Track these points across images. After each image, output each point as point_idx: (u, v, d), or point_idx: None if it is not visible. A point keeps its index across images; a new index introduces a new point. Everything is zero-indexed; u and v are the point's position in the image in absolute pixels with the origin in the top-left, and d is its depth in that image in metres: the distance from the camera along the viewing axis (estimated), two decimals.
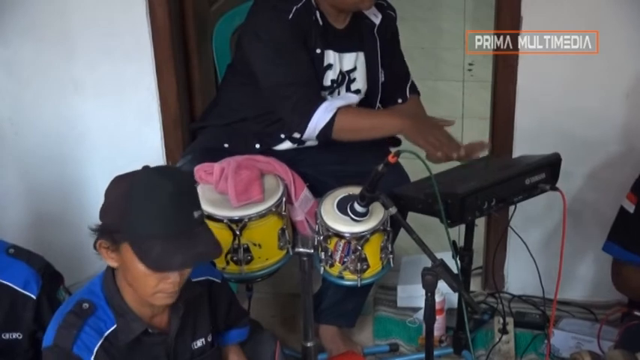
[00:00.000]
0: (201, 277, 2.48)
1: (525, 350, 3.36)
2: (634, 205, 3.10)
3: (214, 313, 2.53)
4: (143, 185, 2.20)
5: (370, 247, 2.83)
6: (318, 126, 2.95)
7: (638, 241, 3.12)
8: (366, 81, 3.16)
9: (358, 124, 3.02)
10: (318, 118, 2.94)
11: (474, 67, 5.26)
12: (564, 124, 3.35)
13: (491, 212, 2.98)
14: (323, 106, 2.95)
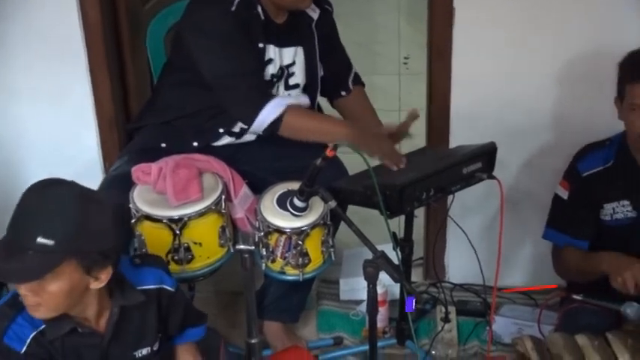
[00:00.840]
0: (152, 285, 2.43)
1: (468, 338, 3.39)
2: (567, 191, 3.16)
3: (165, 322, 2.50)
4: (28, 190, 2.18)
5: (311, 241, 2.83)
6: (267, 120, 2.94)
7: (575, 225, 3.19)
8: (304, 75, 3.16)
9: (305, 126, 3.02)
10: (267, 112, 2.94)
11: (409, 61, 5.30)
12: (499, 114, 3.38)
13: (429, 202, 3.01)
14: (274, 101, 2.95)
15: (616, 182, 3.10)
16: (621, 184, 3.09)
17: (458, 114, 3.40)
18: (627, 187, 3.09)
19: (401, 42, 5.44)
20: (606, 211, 3.12)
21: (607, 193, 3.11)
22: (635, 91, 2.92)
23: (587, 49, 3.22)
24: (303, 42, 3.13)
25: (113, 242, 2.19)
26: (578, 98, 3.30)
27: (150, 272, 2.44)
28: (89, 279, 2.18)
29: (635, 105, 2.92)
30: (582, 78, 3.25)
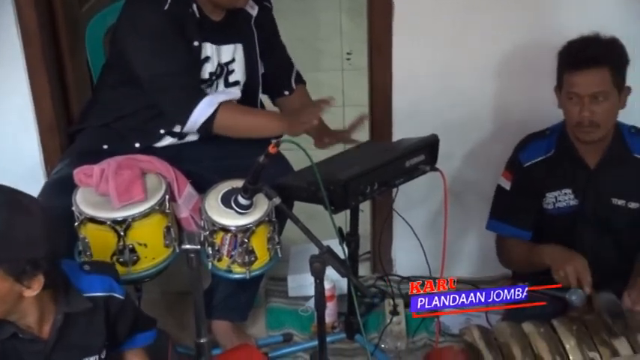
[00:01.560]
0: (100, 292, 2.39)
1: (416, 330, 3.41)
2: (509, 182, 3.18)
3: (113, 329, 2.47)
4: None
5: (257, 238, 2.82)
6: (199, 120, 2.94)
7: (517, 215, 3.22)
8: (244, 72, 3.15)
9: (238, 122, 3.02)
10: (199, 111, 2.93)
11: (352, 57, 5.31)
12: (441, 107, 3.41)
13: (374, 196, 3.02)
14: (205, 100, 2.94)
15: (557, 171, 3.13)
16: (563, 173, 3.13)
17: (400, 108, 3.42)
18: (569, 176, 3.13)
19: (343, 38, 5.45)
20: (549, 200, 3.16)
21: (549, 182, 3.15)
22: (572, 80, 2.95)
23: (526, 40, 3.25)
24: (243, 39, 3.12)
25: (44, 251, 2.14)
26: (517, 89, 3.34)
27: (99, 280, 2.40)
28: (21, 287, 2.13)
29: (573, 94, 2.96)
30: (521, 68, 3.27)
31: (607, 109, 2.97)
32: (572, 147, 3.10)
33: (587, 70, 2.92)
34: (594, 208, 3.15)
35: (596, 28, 2.99)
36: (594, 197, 3.14)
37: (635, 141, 3.11)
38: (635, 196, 3.13)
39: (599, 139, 3.03)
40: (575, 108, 2.96)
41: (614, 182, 3.12)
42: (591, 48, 2.97)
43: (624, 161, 3.11)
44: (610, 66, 2.94)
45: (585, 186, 3.13)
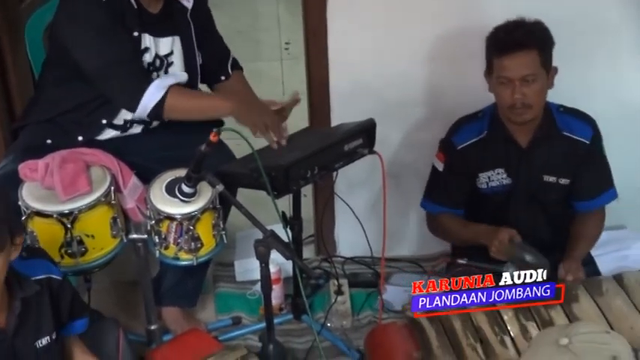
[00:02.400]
0: (41, 275, 2.39)
1: (361, 308, 3.43)
2: (443, 163, 3.23)
3: (57, 310, 2.45)
4: None
5: (202, 225, 2.81)
6: (150, 104, 2.91)
7: (450, 195, 3.28)
8: (183, 64, 3.14)
9: (189, 105, 3.01)
10: (149, 96, 2.91)
11: (290, 46, 5.31)
12: (377, 91, 3.42)
13: (315, 180, 3.04)
14: (154, 84, 2.92)
15: (490, 152, 3.18)
16: (495, 154, 3.18)
17: (337, 94, 3.43)
18: (501, 156, 3.18)
19: (281, 28, 5.45)
20: (482, 180, 3.20)
21: (482, 162, 3.19)
22: (503, 64, 2.99)
23: (456, 26, 3.28)
24: (180, 32, 3.10)
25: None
26: (449, 73, 3.36)
27: (38, 263, 2.41)
28: None
29: (504, 78, 3.00)
30: (453, 53, 3.30)
31: (537, 90, 3.01)
32: (504, 128, 3.14)
33: (516, 53, 2.96)
34: (527, 185, 3.20)
35: (521, 13, 3.03)
36: (526, 175, 3.19)
37: (564, 119, 3.16)
38: (565, 173, 3.18)
39: (531, 119, 3.08)
40: (507, 91, 3.00)
41: (545, 160, 3.17)
42: (518, 32, 3.00)
43: (554, 139, 3.16)
44: (537, 48, 2.99)
45: (517, 165, 3.18)
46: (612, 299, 2.97)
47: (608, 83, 3.50)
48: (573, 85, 3.33)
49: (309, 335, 3.24)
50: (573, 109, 3.19)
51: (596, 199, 3.23)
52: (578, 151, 3.16)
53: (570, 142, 3.15)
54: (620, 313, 2.91)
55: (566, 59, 3.16)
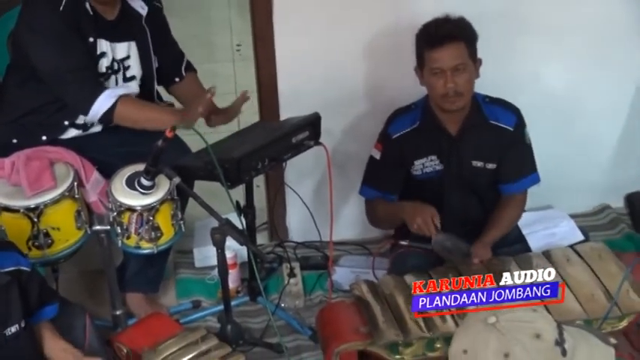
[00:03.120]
0: (10, 267, 2.37)
1: (312, 288, 3.43)
2: (380, 152, 3.24)
3: (26, 300, 2.43)
4: None
5: (161, 216, 2.81)
6: (100, 111, 2.91)
7: (386, 182, 3.29)
8: (140, 68, 3.12)
9: (136, 115, 2.98)
10: (100, 103, 2.90)
11: (241, 48, 5.29)
12: (322, 86, 3.41)
13: (265, 171, 3.07)
14: (105, 93, 2.91)
15: (423, 140, 3.20)
16: (428, 142, 3.20)
17: (285, 90, 3.43)
18: (434, 144, 3.20)
19: (233, 32, 5.43)
20: (417, 167, 3.22)
21: (416, 151, 3.21)
22: (434, 57, 3.01)
23: (388, 25, 3.28)
24: (136, 37, 3.09)
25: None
26: (385, 69, 3.36)
27: (7, 256, 2.39)
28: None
29: (437, 69, 3.02)
30: (387, 50, 3.30)
31: (467, 79, 3.04)
32: (435, 118, 3.17)
33: (447, 45, 2.99)
34: (458, 170, 3.22)
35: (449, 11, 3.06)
36: (457, 161, 3.21)
37: (490, 109, 3.20)
38: (492, 158, 3.21)
39: (462, 106, 3.10)
40: (440, 81, 3.03)
41: (473, 147, 3.20)
42: (447, 26, 3.03)
43: (481, 127, 3.19)
44: (465, 40, 3.02)
45: (449, 152, 3.20)
46: None
47: (531, 75, 3.53)
48: (500, 77, 3.36)
49: (265, 315, 3.23)
50: (498, 99, 3.22)
51: (518, 182, 3.26)
52: (503, 137, 3.19)
53: (496, 129, 3.18)
54: None
55: (492, 53, 3.20)
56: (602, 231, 3.72)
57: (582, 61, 3.55)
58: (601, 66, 3.57)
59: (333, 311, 3.02)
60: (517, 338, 1.78)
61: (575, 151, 3.72)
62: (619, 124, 3.72)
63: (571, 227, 3.40)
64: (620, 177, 3.84)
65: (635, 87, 3.64)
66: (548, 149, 3.57)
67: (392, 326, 2.82)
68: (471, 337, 1.82)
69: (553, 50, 3.49)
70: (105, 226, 2.83)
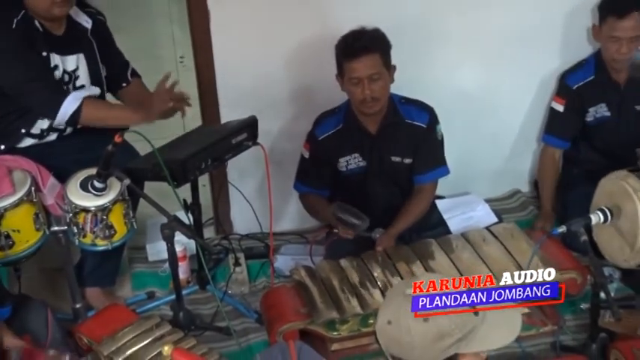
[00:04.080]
0: None
1: (256, 276, 3.42)
2: (308, 151, 3.30)
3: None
4: None
5: (114, 215, 2.78)
6: (67, 113, 2.89)
7: (315, 178, 3.34)
8: (89, 77, 3.08)
9: (103, 114, 2.96)
10: (66, 106, 2.88)
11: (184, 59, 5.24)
12: (258, 91, 3.39)
13: (209, 170, 3.07)
14: (71, 96, 2.90)
15: (346, 140, 3.24)
16: (351, 141, 3.24)
17: (224, 96, 3.40)
18: (356, 143, 3.25)
19: (176, 45, 5.37)
20: (342, 164, 3.26)
21: (340, 149, 3.25)
22: (352, 67, 3.04)
23: (314, 35, 3.27)
24: (83, 49, 3.05)
25: None
26: (312, 74, 3.34)
27: None
28: None
29: (355, 78, 3.05)
30: (313, 58, 3.28)
31: (382, 86, 3.08)
32: (356, 119, 3.21)
33: (362, 57, 3.02)
34: (379, 166, 3.26)
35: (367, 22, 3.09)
36: (378, 157, 3.26)
37: (405, 109, 3.25)
38: (408, 153, 3.26)
39: (379, 110, 3.14)
40: (358, 89, 3.06)
41: (391, 144, 3.25)
42: (362, 39, 3.06)
43: (398, 126, 3.23)
44: (379, 51, 3.06)
45: (370, 149, 3.24)
46: (461, 253, 3.08)
47: (444, 77, 3.55)
48: (417, 80, 3.40)
49: (214, 302, 3.21)
50: (413, 100, 3.27)
51: (428, 173, 3.30)
52: (417, 134, 3.24)
53: (411, 127, 3.23)
54: (467, 263, 3.02)
55: (409, 59, 3.25)
56: (513, 213, 3.76)
57: (490, 63, 3.58)
58: (507, 67, 3.61)
59: (276, 295, 3.03)
60: None
61: (488, 143, 3.76)
62: (525, 117, 3.77)
63: (486, 211, 3.45)
64: (527, 164, 3.90)
65: (538, 84, 3.69)
66: (464, 142, 3.62)
67: (329, 306, 2.85)
68: (392, 308, 1.83)
69: (463, 54, 3.52)
70: (62, 226, 2.79)
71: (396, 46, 3.13)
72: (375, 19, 3.13)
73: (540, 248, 2.94)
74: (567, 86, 3.51)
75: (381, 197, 3.30)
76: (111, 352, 2.66)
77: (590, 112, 3.51)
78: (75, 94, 2.92)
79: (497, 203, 3.77)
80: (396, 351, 1.82)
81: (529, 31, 3.53)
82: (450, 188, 3.58)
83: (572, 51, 3.59)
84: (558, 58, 3.62)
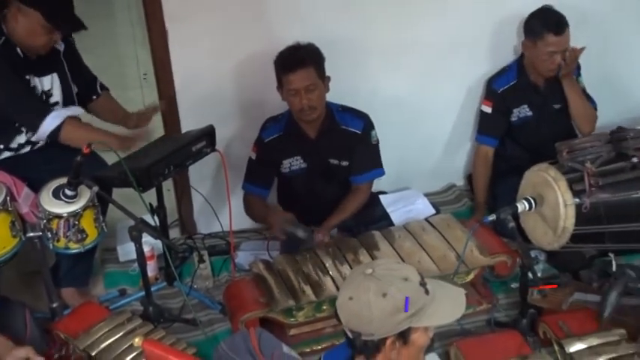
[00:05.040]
0: None
1: (219, 271, 3.39)
2: (255, 154, 3.30)
3: None
4: None
5: (85, 220, 2.75)
6: (48, 129, 2.88)
7: (260, 179, 3.33)
8: (62, 94, 3.04)
9: (80, 136, 2.89)
10: (48, 122, 2.87)
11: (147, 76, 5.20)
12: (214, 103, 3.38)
13: (172, 176, 3.05)
14: (53, 114, 2.89)
15: (288, 144, 3.26)
16: (293, 145, 3.26)
17: (184, 108, 3.37)
18: (297, 146, 3.27)
19: (139, 64, 5.31)
20: (285, 166, 3.28)
21: (283, 152, 3.27)
22: (289, 80, 3.06)
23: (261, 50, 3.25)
24: (57, 70, 3.02)
25: None
26: (260, 85, 3.31)
27: None
28: None
29: (293, 90, 3.07)
30: (260, 71, 3.26)
31: (318, 96, 3.10)
32: (297, 125, 3.23)
33: (298, 70, 3.04)
34: (319, 167, 3.29)
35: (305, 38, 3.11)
36: (318, 160, 3.28)
37: (342, 116, 3.27)
38: (345, 156, 3.29)
39: (317, 117, 3.16)
40: (296, 99, 3.08)
41: (329, 147, 3.27)
42: (297, 54, 3.08)
43: (335, 132, 3.26)
44: (313, 64, 3.08)
45: (310, 152, 3.27)
46: (403, 242, 3.10)
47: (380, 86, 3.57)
48: (356, 89, 3.44)
49: (181, 296, 3.19)
50: (350, 108, 3.30)
51: (364, 174, 3.33)
52: (353, 139, 3.26)
53: (347, 133, 3.26)
54: (409, 251, 3.04)
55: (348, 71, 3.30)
56: (449, 205, 3.80)
57: (423, 73, 3.61)
58: (439, 75, 3.64)
59: (237, 287, 3.02)
60: (391, 281, 1.83)
61: (425, 143, 3.79)
62: (457, 119, 3.81)
63: (425, 204, 3.47)
64: (461, 161, 3.93)
65: (467, 90, 3.73)
66: (403, 143, 3.65)
67: (285, 295, 2.84)
68: (353, 286, 1.87)
69: (398, 65, 3.54)
70: (37, 232, 2.74)
71: (336, 59, 3.16)
72: (314, 36, 3.14)
73: (474, 235, 2.98)
74: (493, 90, 3.57)
75: (322, 197, 3.32)
76: (86, 346, 2.64)
77: (514, 112, 3.56)
78: (57, 112, 2.90)
79: (435, 197, 3.79)
80: (355, 324, 1.85)
81: (458, 42, 3.57)
82: (392, 184, 3.60)
83: (497, 59, 3.64)
84: (485, 65, 3.67)
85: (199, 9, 3.21)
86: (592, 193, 2.97)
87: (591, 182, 2.98)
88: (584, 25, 3.50)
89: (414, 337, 1.86)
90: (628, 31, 3.79)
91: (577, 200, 2.97)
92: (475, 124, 3.75)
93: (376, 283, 1.83)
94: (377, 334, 1.84)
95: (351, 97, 3.33)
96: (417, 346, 1.88)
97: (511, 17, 3.57)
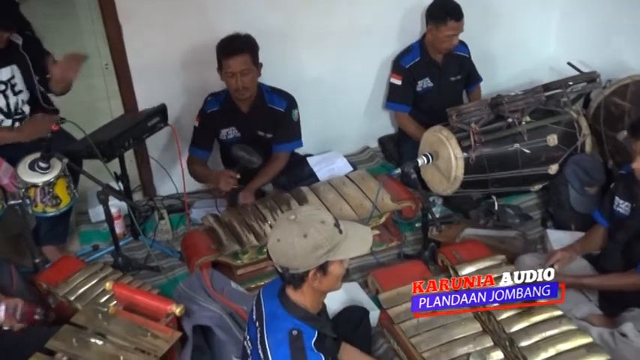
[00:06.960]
0: None
1: (177, 225, 3.36)
2: (198, 122, 3.26)
3: None
4: None
5: (59, 188, 2.70)
6: None
7: (202, 143, 3.30)
8: (24, 83, 2.95)
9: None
10: None
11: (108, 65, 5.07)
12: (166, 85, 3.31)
13: (132, 147, 3.02)
14: None
15: (226, 116, 3.26)
16: (229, 117, 3.26)
17: (140, 89, 3.30)
18: (232, 119, 3.26)
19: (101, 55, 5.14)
20: (222, 134, 3.29)
21: (221, 123, 3.27)
22: (228, 64, 3.05)
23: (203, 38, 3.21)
24: (16, 61, 2.92)
25: None
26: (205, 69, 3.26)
27: None
28: None
29: (230, 72, 3.06)
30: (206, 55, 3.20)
31: (251, 79, 3.10)
32: (233, 102, 3.22)
33: (236, 56, 3.03)
34: (249, 137, 3.28)
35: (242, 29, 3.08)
36: (248, 131, 3.28)
37: (269, 96, 3.27)
38: (270, 129, 3.28)
39: (248, 97, 3.16)
40: (233, 80, 3.08)
41: (257, 121, 3.27)
42: (236, 42, 3.07)
43: (263, 109, 3.26)
44: (249, 52, 3.07)
45: (242, 124, 3.26)
46: (327, 194, 3.13)
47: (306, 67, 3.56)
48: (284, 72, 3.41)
49: (145, 248, 3.16)
50: (278, 89, 3.29)
51: (284, 145, 3.33)
52: (276, 116, 3.27)
53: (273, 110, 3.26)
54: (332, 201, 3.08)
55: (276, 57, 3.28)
56: (365, 163, 3.83)
57: (339, 55, 3.60)
58: (353, 57, 3.64)
59: (192, 238, 3.02)
60: (310, 224, 1.87)
61: (344, 113, 3.78)
62: (370, 93, 3.83)
63: (344, 163, 3.49)
64: (373, 126, 3.96)
65: (378, 67, 3.76)
66: (325, 114, 3.67)
67: (232, 241, 2.87)
68: (279, 230, 1.90)
69: (317, 50, 3.53)
70: (17, 200, 2.68)
71: (266, 48, 3.14)
72: (248, 27, 3.12)
73: (384, 186, 3.04)
74: (401, 66, 3.60)
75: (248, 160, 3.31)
76: (66, 293, 2.61)
77: (419, 84, 3.61)
78: None
79: (353, 157, 3.81)
80: (283, 261, 1.89)
81: (367, 28, 3.59)
82: (317, 148, 3.63)
83: (403, 41, 3.67)
84: (392, 47, 3.69)
85: (148, 6, 3.14)
86: (476, 148, 3.08)
87: (476, 139, 3.08)
88: (473, 7, 3.53)
89: (332, 268, 1.90)
90: (508, 13, 3.86)
91: (465, 154, 3.07)
92: (385, 95, 3.79)
93: (298, 226, 1.86)
94: (301, 268, 1.88)
95: (279, 79, 3.32)
96: (334, 276, 1.93)
97: (415, 6, 3.60)
